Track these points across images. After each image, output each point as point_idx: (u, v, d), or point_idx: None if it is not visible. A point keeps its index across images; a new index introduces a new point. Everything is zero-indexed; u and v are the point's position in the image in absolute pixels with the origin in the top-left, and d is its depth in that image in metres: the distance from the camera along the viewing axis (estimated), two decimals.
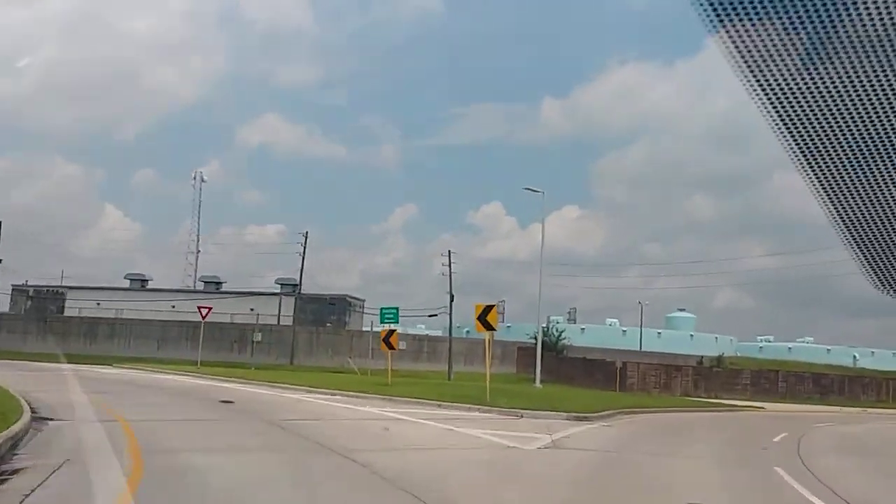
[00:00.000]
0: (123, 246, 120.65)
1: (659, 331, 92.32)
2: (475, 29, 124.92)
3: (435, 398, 25.26)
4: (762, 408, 38.26)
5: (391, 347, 32.67)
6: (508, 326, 79.20)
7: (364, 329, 61.86)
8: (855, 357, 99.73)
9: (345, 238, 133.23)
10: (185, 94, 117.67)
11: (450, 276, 48.76)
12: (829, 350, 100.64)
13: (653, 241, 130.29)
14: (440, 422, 19.08)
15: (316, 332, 60.15)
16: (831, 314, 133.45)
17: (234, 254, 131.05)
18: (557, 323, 58.52)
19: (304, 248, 53.50)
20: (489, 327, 24.80)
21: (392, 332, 32.91)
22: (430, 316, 49.91)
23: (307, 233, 54.62)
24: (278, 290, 68.08)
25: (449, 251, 50.42)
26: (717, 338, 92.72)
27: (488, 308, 24.96)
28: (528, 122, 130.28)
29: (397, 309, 33.90)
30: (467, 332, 71.22)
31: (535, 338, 58.94)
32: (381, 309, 34.11)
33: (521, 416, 22.13)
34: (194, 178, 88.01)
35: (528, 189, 42.55)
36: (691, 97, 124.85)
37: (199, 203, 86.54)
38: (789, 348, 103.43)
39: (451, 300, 47.86)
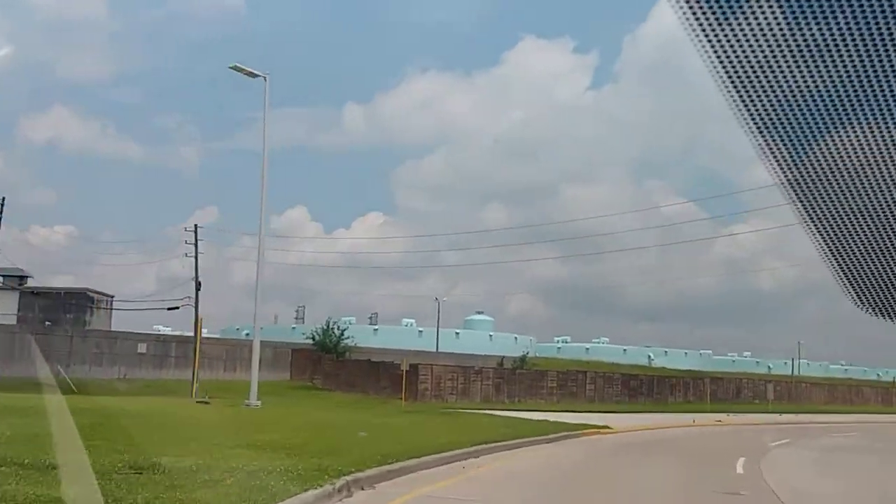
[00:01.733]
0: None
1: (457, 330, 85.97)
2: (278, 29, 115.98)
3: None
4: (608, 427, 26.98)
5: None
6: (293, 328, 69.71)
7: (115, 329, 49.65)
8: (650, 357, 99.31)
9: (139, 241, 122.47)
10: None
11: (195, 258, 37.94)
12: (625, 350, 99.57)
13: (453, 247, 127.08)
14: None
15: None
16: (622, 318, 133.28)
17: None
18: (338, 323, 48.79)
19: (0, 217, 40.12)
20: None
21: None
22: (170, 309, 38.71)
23: (4, 199, 41.06)
24: None
25: (196, 226, 39.55)
26: (516, 338, 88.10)
27: None
28: (332, 127, 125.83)
29: None
30: (247, 334, 63.12)
31: (314, 338, 49.84)
32: None
33: None
34: None
35: (239, 69, 30.06)
36: (488, 108, 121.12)
37: None
38: (587, 349, 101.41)
39: (198, 289, 37.10)
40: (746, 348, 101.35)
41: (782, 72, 3.05)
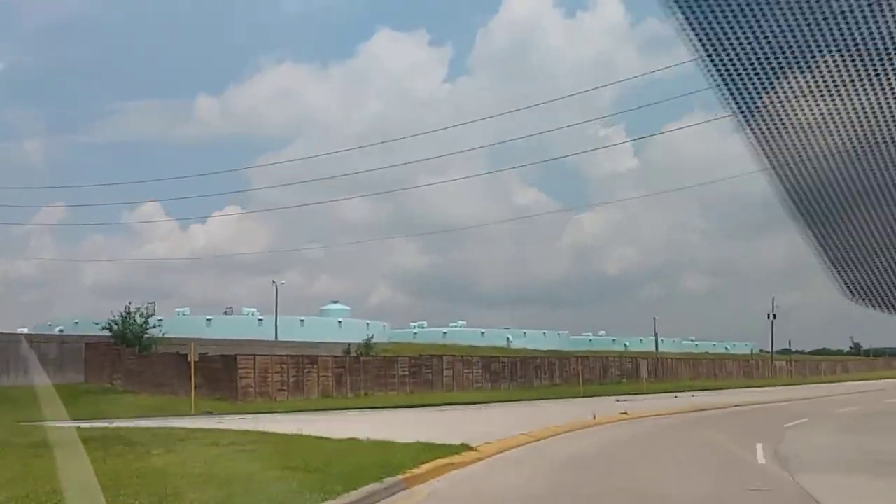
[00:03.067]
0: None
1: (303, 318, 77.78)
2: (126, 19, 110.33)
3: None
4: (469, 449, 14.18)
5: None
6: (76, 322, 60.54)
7: None
8: (509, 339, 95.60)
9: None
10: None
11: None
12: (483, 333, 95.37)
13: (313, 241, 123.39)
14: None
15: None
16: (481, 304, 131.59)
17: None
18: (140, 309, 39.15)
19: None
20: None
21: None
22: None
23: None
24: None
25: None
26: (368, 323, 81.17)
27: None
28: (185, 119, 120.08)
29: None
30: (61, 329, 57.10)
31: (111, 328, 40.52)
32: None
33: None
34: None
35: None
36: (345, 101, 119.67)
37: None
38: (444, 333, 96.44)
39: None
40: (601, 328, 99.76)
41: (772, 68, 3.05)
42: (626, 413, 24.51)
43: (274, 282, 67.95)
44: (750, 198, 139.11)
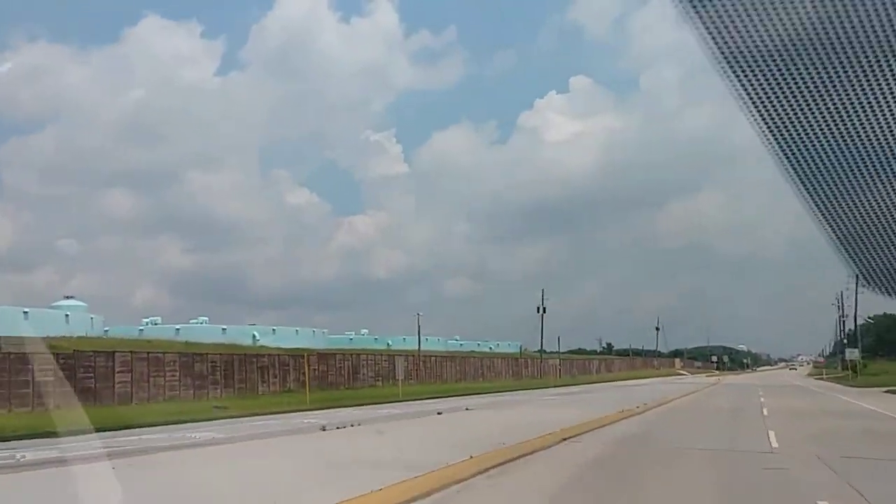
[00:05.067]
0: None
1: (26, 310, 61.55)
2: None
3: None
4: None
5: None
6: None
7: None
8: (255, 336, 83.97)
9: None
10: None
11: None
12: (224, 329, 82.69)
13: (70, 236, 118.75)
14: None
15: None
16: (247, 305, 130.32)
17: None
18: None
19: None
20: None
21: None
22: None
23: None
24: None
25: None
26: (92, 318, 65.36)
27: None
28: None
29: None
30: None
31: None
32: None
33: None
34: None
35: None
36: (107, 86, 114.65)
37: None
38: (177, 329, 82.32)
39: None
40: (366, 328, 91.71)
41: (789, 70, 3.53)
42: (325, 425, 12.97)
43: None
44: (512, 206, 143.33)
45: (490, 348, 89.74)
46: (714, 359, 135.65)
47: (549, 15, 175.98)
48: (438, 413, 23.01)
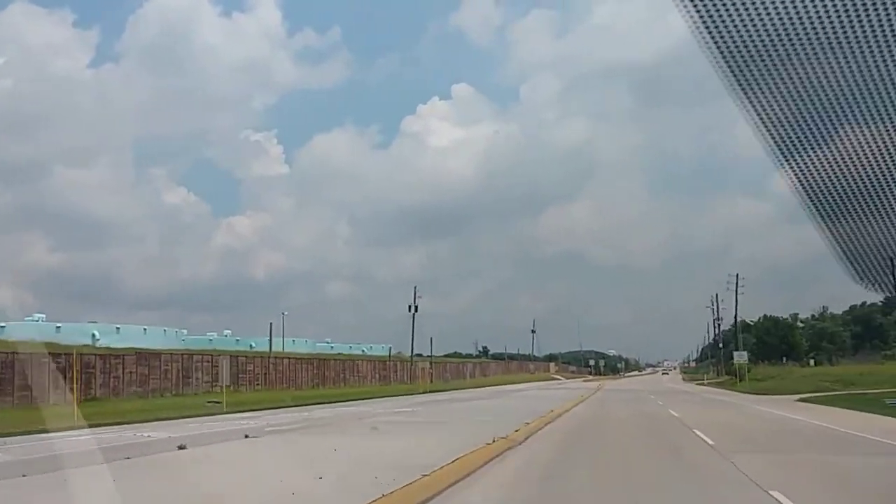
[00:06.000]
0: None
1: None
2: None
3: None
4: None
5: None
6: None
7: None
8: (95, 335, 75.38)
9: None
10: None
11: None
12: (58, 327, 73.80)
13: None
14: None
15: None
16: (118, 306, 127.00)
17: None
18: None
19: None
20: None
21: None
22: None
23: None
24: None
25: None
26: None
27: None
28: None
29: None
30: None
31: None
32: None
33: None
34: None
35: None
36: None
37: None
38: (2, 326, 72.71)
39: None
40: (229, 329, 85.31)
41: (787, 72, 3.64)
42: None
43: None
44: (393, 210, 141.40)
45: (363, 351, 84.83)
46: (592, 363, 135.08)
47: (432, 20, 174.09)
48: (180, 448, 12.83)
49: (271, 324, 62.36)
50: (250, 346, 76.90)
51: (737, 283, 73.76)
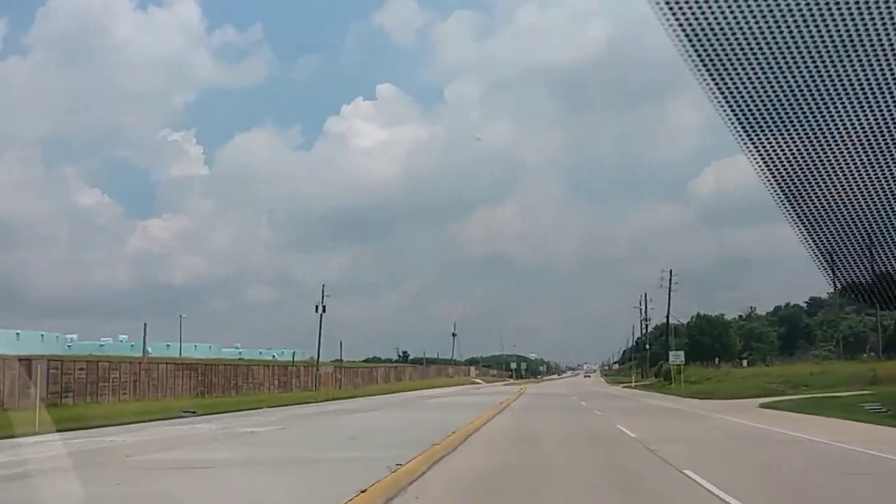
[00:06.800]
0: None
1: None
2: None
3: None
4: None
5: None
6: None
7: None
8: None
9: None
10: None
11: None
12: None
13: None
14: None
15: None
16: (23, 311, 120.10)
17: None
18: None
19: None
20: None
21: None
22: None
23: None
24: None
25: None
26: None
27: None
28: None
29: None
30: None
31: None
32: None
33: None
34: None
35: None
36: None
37: None
38: None
39: None
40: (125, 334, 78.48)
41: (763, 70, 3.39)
42: None
43: None
44: (316, 213, 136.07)
45: (273, 356, 78.73)
46: (513, 366, 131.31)
47: (355, 19, 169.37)
48: None
49: (144, 331, 55.06)
50: (148, 351, 69.75)
51: (670, 280, 71.07)
